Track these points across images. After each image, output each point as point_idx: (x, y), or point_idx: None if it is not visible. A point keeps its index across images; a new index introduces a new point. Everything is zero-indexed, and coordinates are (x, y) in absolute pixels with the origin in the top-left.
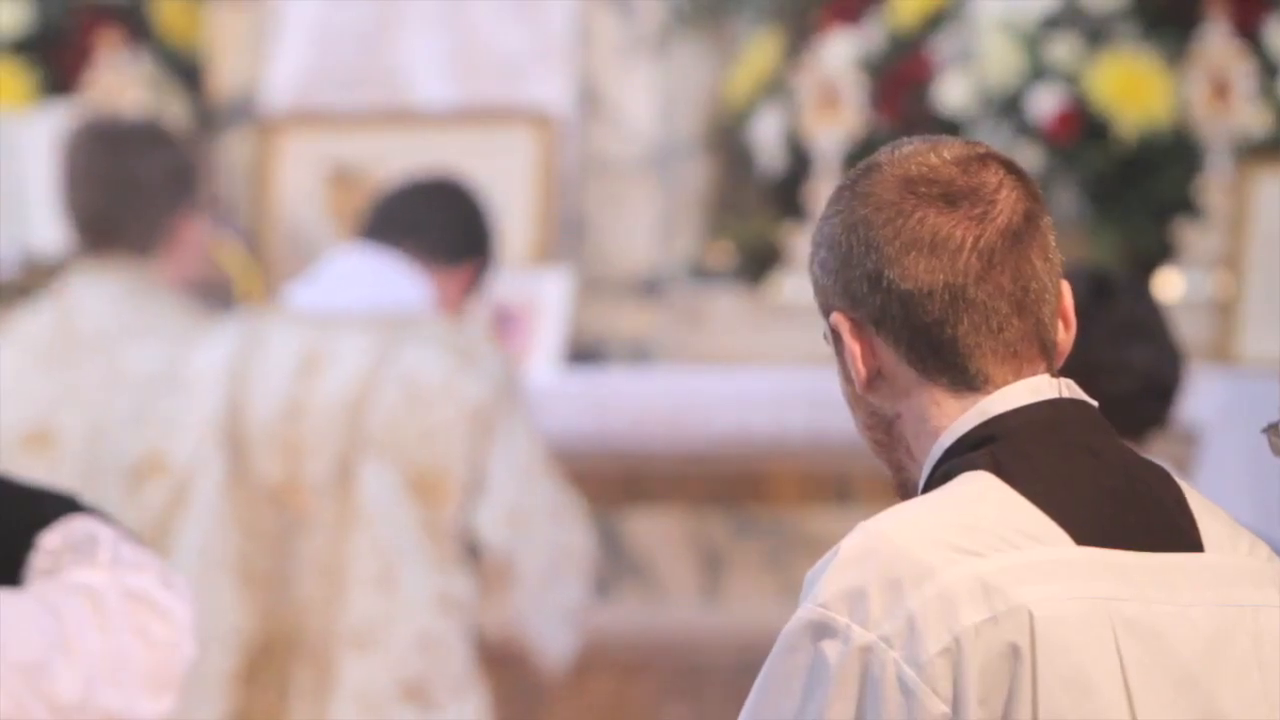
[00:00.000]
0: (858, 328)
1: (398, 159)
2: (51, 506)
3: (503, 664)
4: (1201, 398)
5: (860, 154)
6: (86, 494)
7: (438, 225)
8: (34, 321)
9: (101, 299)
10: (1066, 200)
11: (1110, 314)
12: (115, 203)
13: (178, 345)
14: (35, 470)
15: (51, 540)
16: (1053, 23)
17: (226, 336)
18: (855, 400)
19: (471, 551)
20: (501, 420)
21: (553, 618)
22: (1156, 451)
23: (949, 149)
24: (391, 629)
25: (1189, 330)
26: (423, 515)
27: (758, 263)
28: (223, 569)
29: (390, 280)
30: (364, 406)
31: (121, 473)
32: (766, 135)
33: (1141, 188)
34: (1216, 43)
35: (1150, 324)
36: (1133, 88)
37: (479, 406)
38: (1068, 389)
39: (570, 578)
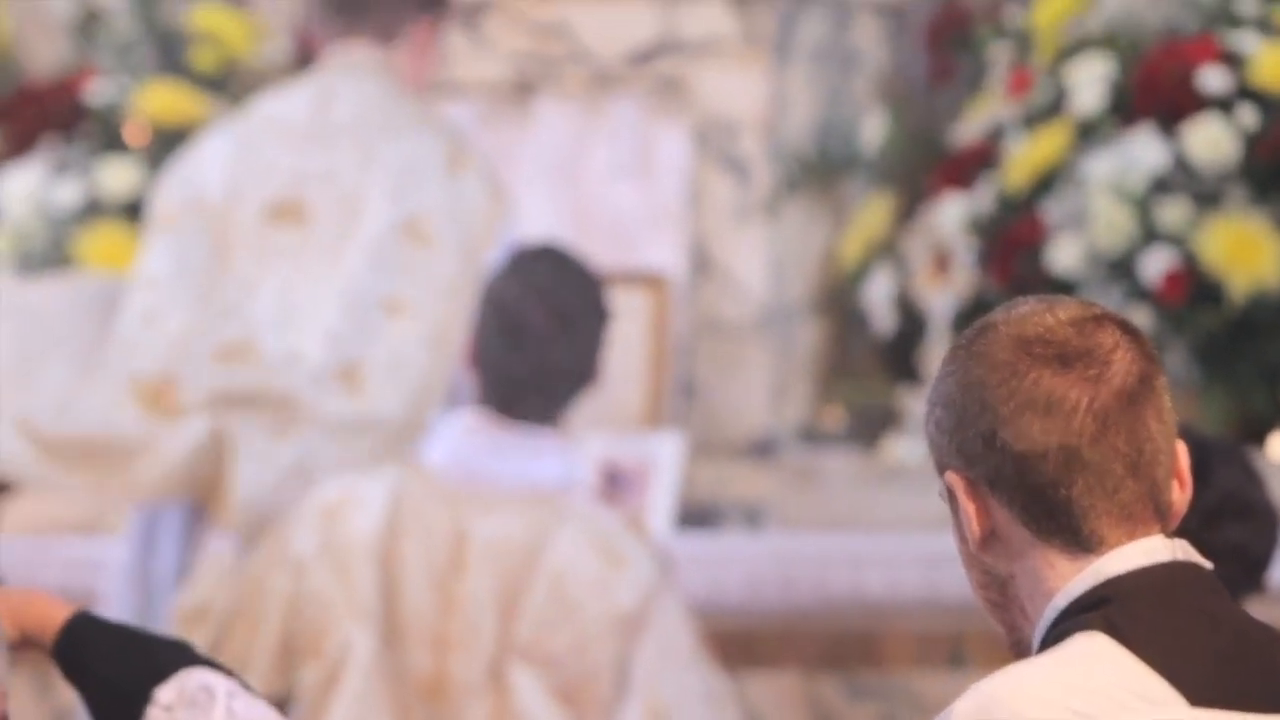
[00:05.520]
0: (972, 487)
1: None
2: (167, 658)
3: None
4: None
5: (972, 315)
6: (323, 267)
7: (568, 375)
8: (289, 102)
9: (359, 91)
10: (1175, 362)
11: (1206, 492)
12: None
13: (423, 138)
14: (282, 244)
15: (167, 694)
16: (1162, 186)
17: (373, 505)
18: (970, 560)
19: None
20: (648, 617)
21: None
22: (1253, 613)
23: (1064, 309)
24: None
25: None
26: None
27: (870, 425)
28: None
29: (526, 452)
30: (514, 610)
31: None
32: (878, 297)
33: (1251, 350)
34: None
35: (1247, 500)
36: (1242, 250)
37: (627, 614)
38: (1182, 551)
39: None
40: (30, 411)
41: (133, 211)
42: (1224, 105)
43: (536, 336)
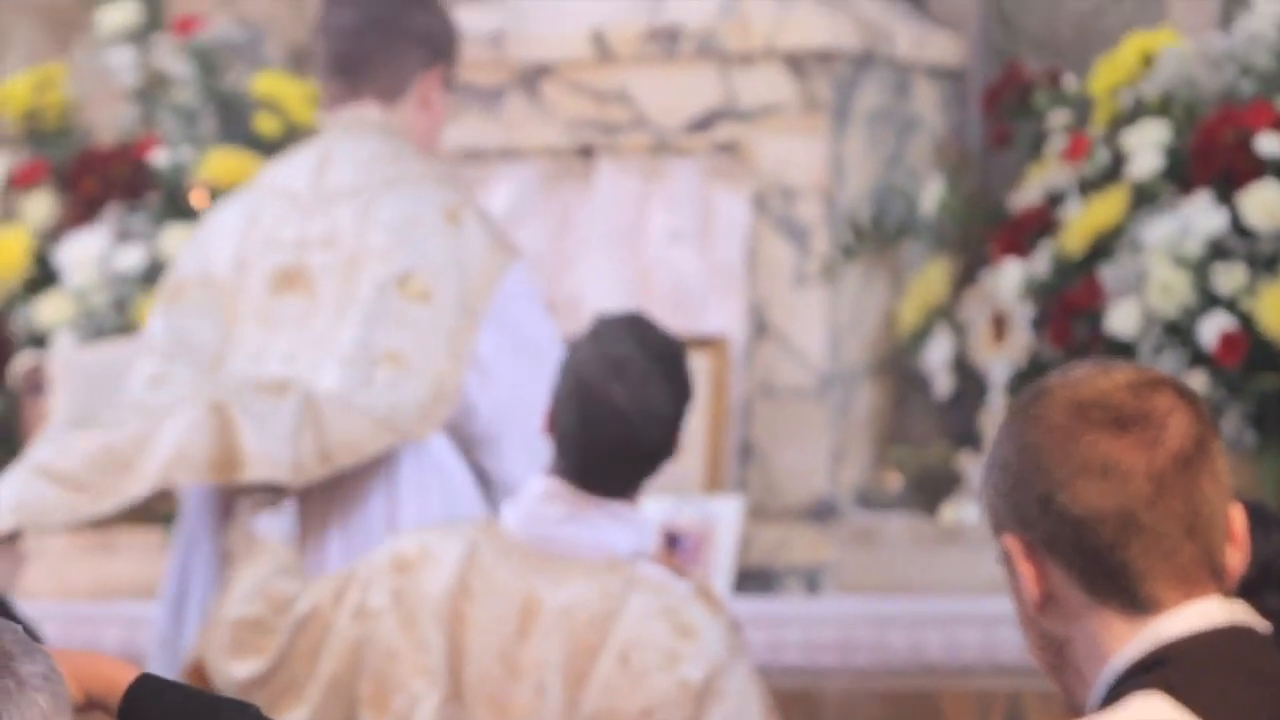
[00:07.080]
0: (1030, 550)
1: None
2: (229, 718)
3: None
4: None
5: (1029, 379)
6: (327, 329)
7: (647, 453)
8: (292, 170)
9: (359, 151)
10: (1231, 425)
11: (1254, 557)
12: (371, 43)
13: (422, 192)
14: (288, 311)
15: None
16: (1219, 250)
17: (447, 565)
18: (1027, 622)
19: None
20: (717, 689)
21: None
22: None
23: (1120, 373)
24: None
25: None
26: None
27: (928, 488)
28: None
29: (600, 522)
30: (583, 678)
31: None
32: (936, 361)
33: None
34: None
35: None
36: None
37: (694, 687)
38: (1240, 612)
39: None
40: (45, 454)
41: None
42: None
43: (618, 415)
